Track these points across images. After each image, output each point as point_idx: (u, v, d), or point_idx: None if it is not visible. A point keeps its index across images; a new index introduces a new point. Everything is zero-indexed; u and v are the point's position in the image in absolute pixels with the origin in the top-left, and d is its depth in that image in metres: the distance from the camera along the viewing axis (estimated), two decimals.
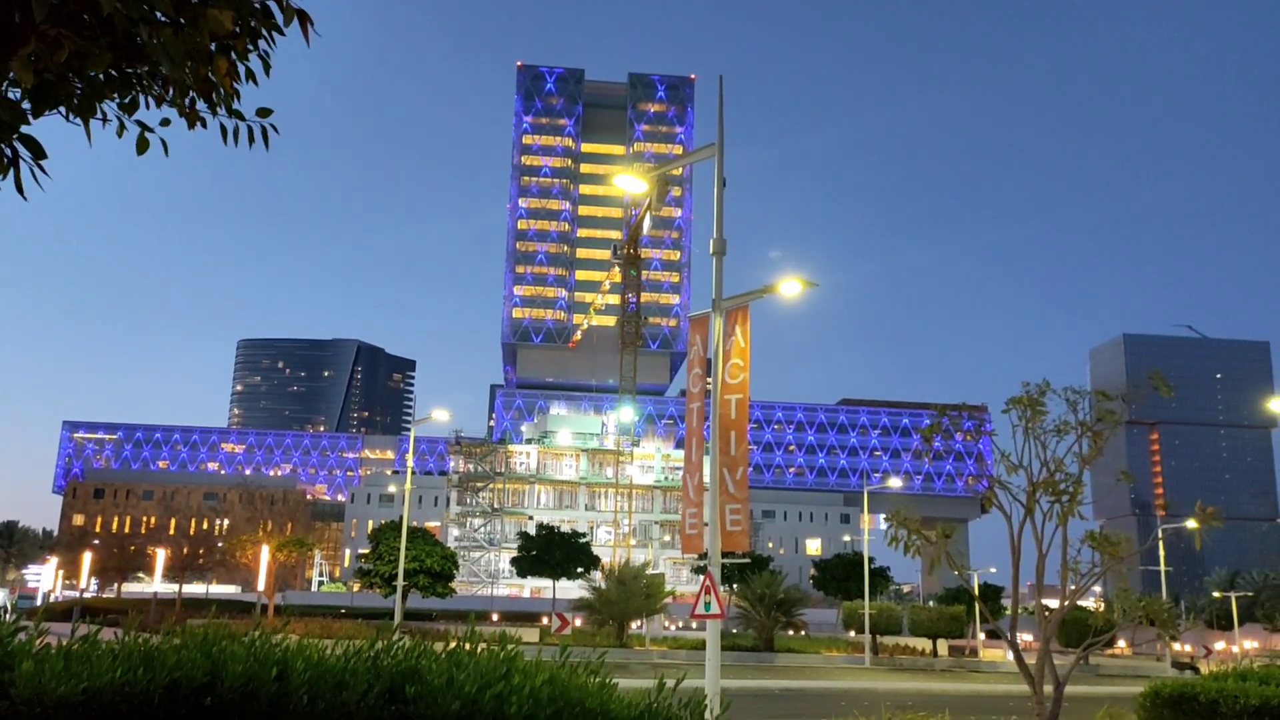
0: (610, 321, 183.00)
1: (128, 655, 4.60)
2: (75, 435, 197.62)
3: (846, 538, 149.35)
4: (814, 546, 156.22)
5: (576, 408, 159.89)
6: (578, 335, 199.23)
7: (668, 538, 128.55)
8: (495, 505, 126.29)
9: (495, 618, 77.48)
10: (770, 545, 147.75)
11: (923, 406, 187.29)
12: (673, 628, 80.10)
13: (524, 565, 77.00)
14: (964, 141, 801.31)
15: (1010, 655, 9.02)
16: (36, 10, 3.01)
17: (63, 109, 3.76)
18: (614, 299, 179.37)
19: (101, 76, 3.75)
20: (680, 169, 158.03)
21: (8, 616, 4.95)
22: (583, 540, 78.32)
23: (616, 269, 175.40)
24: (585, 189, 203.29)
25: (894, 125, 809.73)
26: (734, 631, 63.10)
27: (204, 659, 4.69)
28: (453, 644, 5.44)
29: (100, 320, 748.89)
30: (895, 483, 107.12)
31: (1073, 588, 8.35)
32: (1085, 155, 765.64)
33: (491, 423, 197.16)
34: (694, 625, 75.98)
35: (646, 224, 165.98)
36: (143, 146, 4.15)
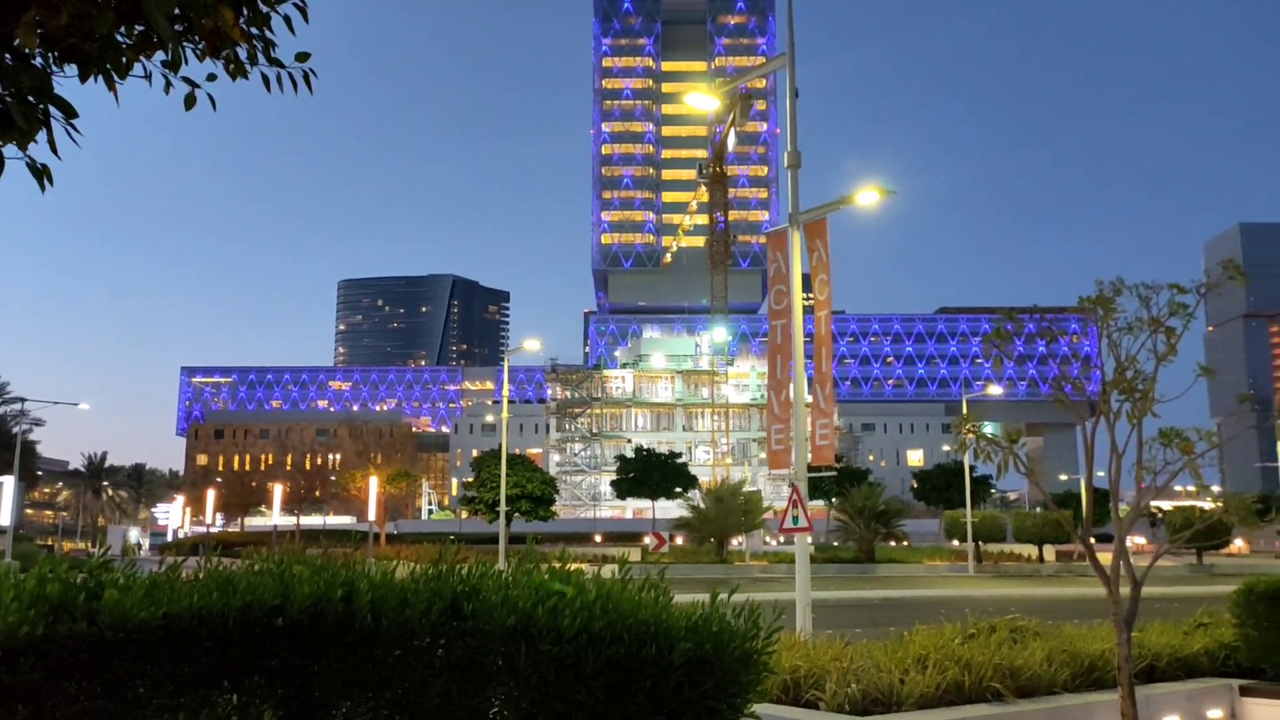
0: (699, 242, 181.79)
1: (205, 582, 4.91)
2: (194, 380, 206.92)
3: (947, 448, 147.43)
4: (915, 458, 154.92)
5: (670, 330, 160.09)
6: (667, 257, 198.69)
7: (765, 455, 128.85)
8: (594, 430, 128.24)
9: (599, 539, 79.30)
10: (871, 458, 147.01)
11: (1027, 311, 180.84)
12: (774, 543, 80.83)
13: (623, 487, 78.38)
14: (1058, 30, 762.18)
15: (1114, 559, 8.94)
16: None
17: (93, 72, 3.90)
18: (702, 219, 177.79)
19: (125, 38, 3.87)
20: (764, 80, 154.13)
21: (141, 554, 5.32)
22: (680, 461, 79.18)
23: (703, 188, 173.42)
24: (668, 109, 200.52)
25: (985, 19, 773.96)
26: (834, 544, 63.38)
27: (275, 583, 4.97)
28: (512, 565, 5.65)
29: (210, 269, 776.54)
30: (996, 390, 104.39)
31: (1155, 486, 8.18)
32: (1191, 36, 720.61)
33: (586, 349, 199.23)
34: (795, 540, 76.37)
35: (731, 140, 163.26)
36: (190, 102, 4.28)
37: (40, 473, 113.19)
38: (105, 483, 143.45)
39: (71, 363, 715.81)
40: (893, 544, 66.99)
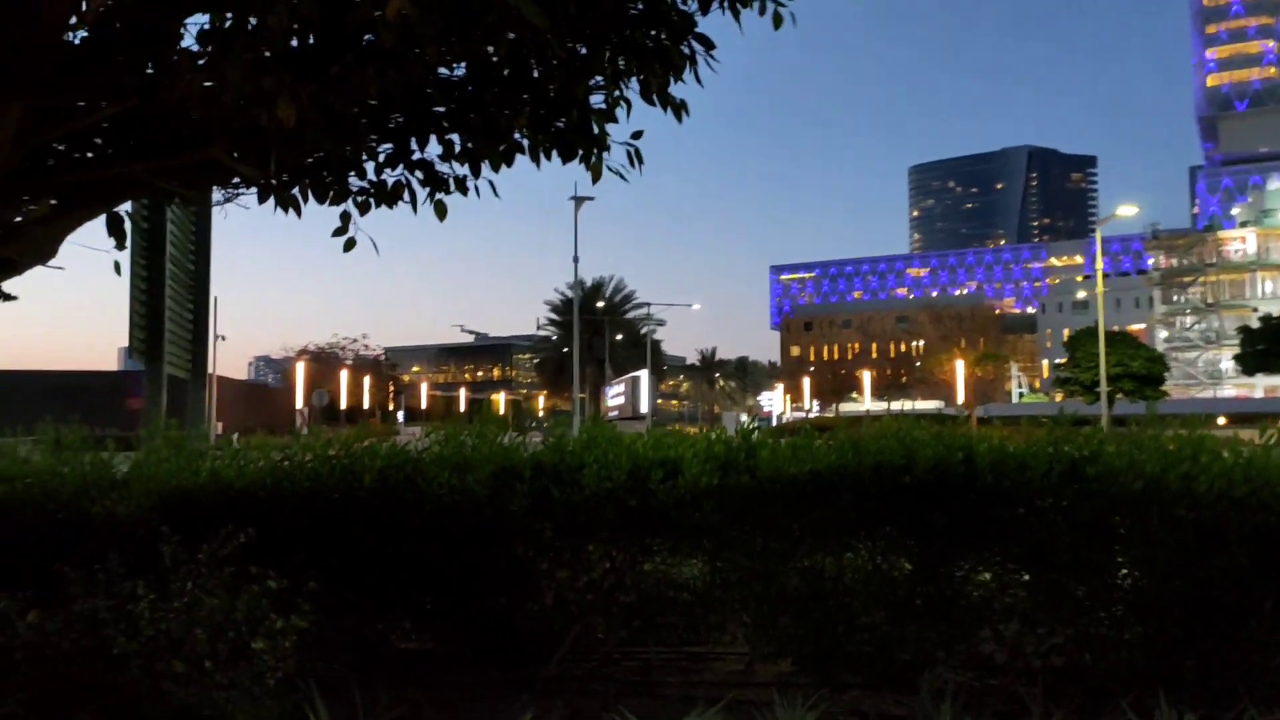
0: None
1: (839, 446, 5.60)
2: (782, 278, 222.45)
3: None
4: None
5: None
6: None
7: None
8: (1208, 300, 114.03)
9: (1221, 421, 71.00)
10: None
11: None
12: None
13: (1250, 362, 69.34)
14: None
15: None
16: None
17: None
18: None
19: None
20: None
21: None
22: None
23: None
24: None
25: None
26: None
27: (900, 446, 5.48)
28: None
29: (787, 169, 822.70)
30: None
31: None
32: None
33: (1194, 209, 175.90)
34: None
35: None
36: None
37: (665, 367, 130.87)
38: (716, 374, 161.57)
39: (678, 268, 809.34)
40: None
